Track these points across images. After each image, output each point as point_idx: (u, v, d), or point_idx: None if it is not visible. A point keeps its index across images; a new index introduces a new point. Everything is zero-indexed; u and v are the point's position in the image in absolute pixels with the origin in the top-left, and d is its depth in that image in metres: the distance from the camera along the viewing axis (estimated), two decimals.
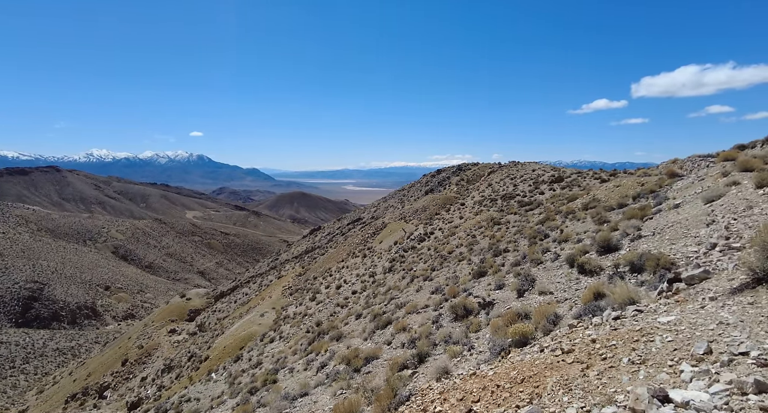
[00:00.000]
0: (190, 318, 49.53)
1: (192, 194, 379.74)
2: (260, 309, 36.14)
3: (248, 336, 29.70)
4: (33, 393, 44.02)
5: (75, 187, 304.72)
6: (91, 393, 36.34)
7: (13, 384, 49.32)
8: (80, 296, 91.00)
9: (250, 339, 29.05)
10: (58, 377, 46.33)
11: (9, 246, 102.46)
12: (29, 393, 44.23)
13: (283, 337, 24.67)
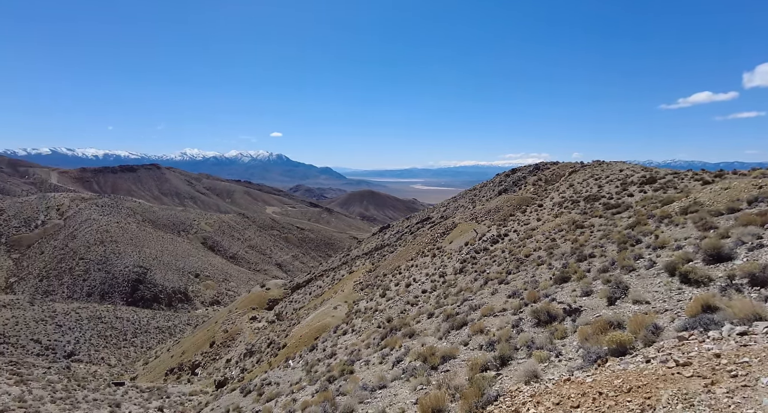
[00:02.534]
0: (269, 306, 53.02)
1: (271, 191, 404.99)
2: (333, 302, 37.64)
3: (322, 327, 31.09)
4: (140, 363, 50.22)
5: (171, 183, 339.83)
6: (185, 369, 40.58)
7: (126, 355, 56.77)
8: (175, 282, 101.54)
9: (324, 330, 30.39)
10: (159, 352, 52.29)
11: (121, 234, 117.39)
12: (138, 364, 50.56)
13: (356, 330, 25.48)
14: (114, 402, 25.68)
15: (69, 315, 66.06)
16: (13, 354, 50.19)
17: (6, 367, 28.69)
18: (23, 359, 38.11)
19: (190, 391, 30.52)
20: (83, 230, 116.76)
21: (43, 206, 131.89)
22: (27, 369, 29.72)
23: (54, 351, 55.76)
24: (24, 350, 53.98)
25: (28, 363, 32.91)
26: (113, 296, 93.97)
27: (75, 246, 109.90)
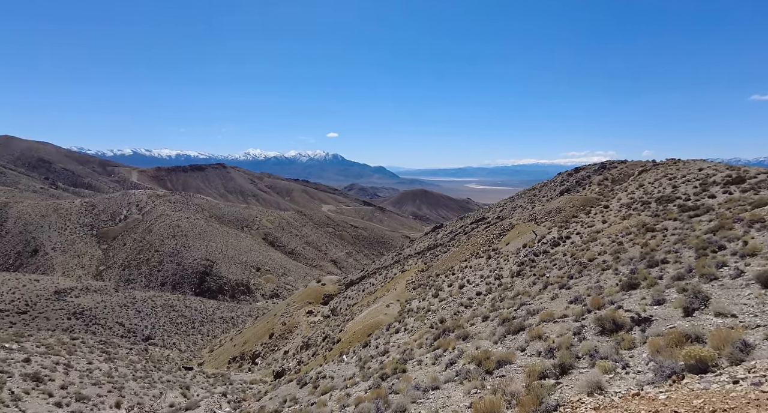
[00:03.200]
0: (324, 301, 54.63)
1: (327, 190, 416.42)
2: (385, 300, 37.97)
3: (375, 324, 31.48)
4: (206, 350, 54.01)
5: (236, 181, 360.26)
6: (246, 358, 42.99)
7: (194, 341, 61.32)
8: (238, 275, 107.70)
9: (376, 327, 30.75)
10: (223, 341, 55.85)
11: (191, 229, 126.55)
12: (204, 351, 54.42)
13: (408, 329, 25.53)
14: (184, 384, 27.77)
15: (146, 302, 72.46)
16: (103, 334, 56.02)
17: (97, 346, 32.05)
18: (110, 339, 42.40)
19: (251, 379, 32.26)
20: (158, 225, 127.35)
21: (125, 202, 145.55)
22: (113, 349, 33.01)
23: (134, 333, 61.47)
24: (111, 331, 60.06)
25: (114, 343, 36.53)
26: (183, 286, 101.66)
27: (151, 239, 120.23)
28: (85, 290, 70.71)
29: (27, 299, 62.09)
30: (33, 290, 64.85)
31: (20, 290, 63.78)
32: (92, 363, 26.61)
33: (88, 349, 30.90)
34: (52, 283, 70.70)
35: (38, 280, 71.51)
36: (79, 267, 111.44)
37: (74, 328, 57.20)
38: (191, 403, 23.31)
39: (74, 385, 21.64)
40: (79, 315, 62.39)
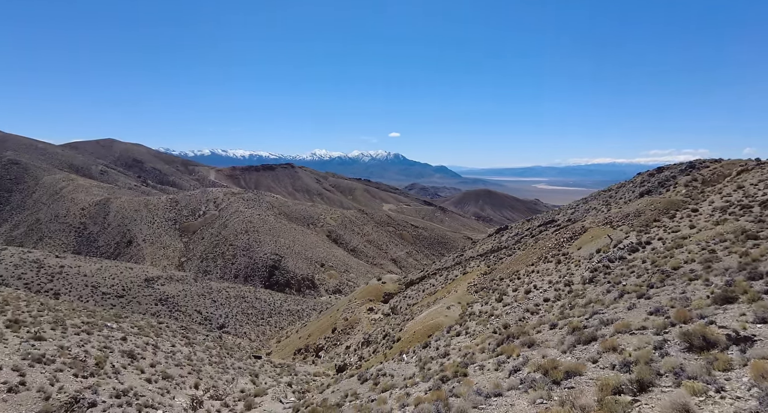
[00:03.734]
0: (385, 300, 55.25)
1: (388, 189, 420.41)
2: (446, 302, 37.51)
3: (435, 325, 31.23)
4: (274, 341, 57.13)
5: (303, 180, 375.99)
6: (311, 350, 44.79)
7: (263, 332, 65.17)
8: (304, 270, 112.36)
9: (437, 328, 30.49)
10: (289, 332, 58.68)
11: (261, 225, 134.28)
12: (272, 341, 57.62)
13: (469, 333, 25.00)
14: (254, 372, 29.55)
15: (221, 293, 78.17)
16: (183, 320, 61.46)
17: (179, 330, 35.17)
18: (190, 325, 46.42)
19: (315, 372, 33.53)
20: (232, 221, 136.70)
21: (204, 199, 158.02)
22: (192, 335, 36.03)
23: (210, 321, 66.65)
24: (190, 318, 65.68)
25: (193, 329, 39.89)
26: (254, 279, 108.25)
27: (226, 234, 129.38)
28: (169, 279, 77.92)
29: (123, 285, 69.81)
30: (128, 277, 72.78)
31: (118, 277, 71.87)
32: (175, 346, 29.24)
33: (172, 333, 34.01)
34: (143, 271, 78.82)
35: (132, 268, 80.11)
36: (164, 258, 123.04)
37: (160, 313, 63.28)
38: (260, 390, 24.74)
39: (161, 364, 23.92)
40: (164, 301, 68.93)
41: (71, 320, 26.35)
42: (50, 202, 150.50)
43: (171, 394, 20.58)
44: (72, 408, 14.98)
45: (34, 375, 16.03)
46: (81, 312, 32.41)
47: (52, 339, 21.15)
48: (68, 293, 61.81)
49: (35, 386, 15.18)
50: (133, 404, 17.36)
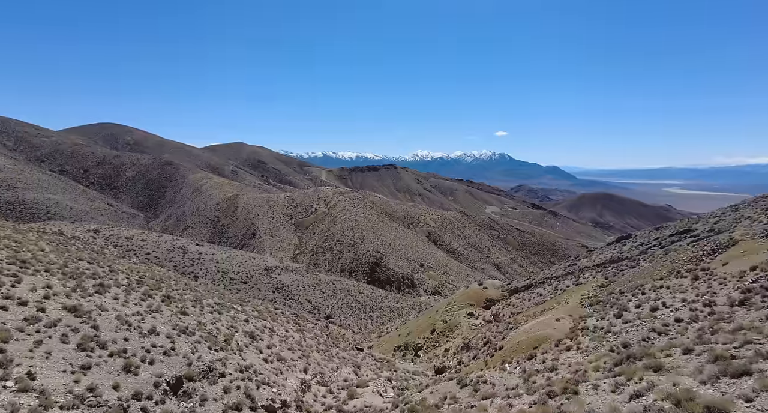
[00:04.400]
0: (486, 305, 53.43)
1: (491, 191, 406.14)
2: (555, 313, 34.87)
3: (542, 337, 29.25)
4: (375, 335, 59.23)
5: (404, 181, 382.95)
6: (410, 348, 45.39)
7: (365, 325, 68.08)
8: (404, 269, 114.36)
9: (544, 340, 28.54)
10: (389, 329, 60.26)
11: (365, 223, 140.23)
12: (373, 335, 59.83)
13: (582, 349, 22.91)
14: (356, 363, 30.96)
15: (329, 285, 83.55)
16: (295, 308, 67.23)
17: (292, 317, 38.51)
18: (300, 313, 50.54)
19: (413, 370, 33.90)
20: (340, 218, 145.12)
21: (316, 197, 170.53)
22: (303, 322, 39.13)
23: (318, 311, 71.71)
24: (301, 306, 71.52)
25: (303, 316, 43.34)
26: (357, 274, 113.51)
27: (334, 230, 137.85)
28: (285, 269, 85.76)
29: (247, 272, 78.87)
30: (251, 266, 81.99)
31: (243, 265, 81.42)
32: (288, 331, 32.06)
33: (285, 319, 37.35)
34: (263, 261, 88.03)
35: (254, 258, 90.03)
36: (281, 250, 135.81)
37: (276, 300, 70.02)
38: (361, 382, 25.82)
39: (276, 347, 26.43)
40: (280, 289, 76.11)
41: (206, 300, 30.56)
42: (193, 197, 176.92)
43: (284, 375, 22.59)
44: (207, 375, 17.36)
45: (180, 343, 18.95)
46: (214, 293, 37.43)
47: (192, 314, 24.77)
48: (204, 277, 71.95)
49: (181, 352, 17.93)
50: (253, 379, 19.45)
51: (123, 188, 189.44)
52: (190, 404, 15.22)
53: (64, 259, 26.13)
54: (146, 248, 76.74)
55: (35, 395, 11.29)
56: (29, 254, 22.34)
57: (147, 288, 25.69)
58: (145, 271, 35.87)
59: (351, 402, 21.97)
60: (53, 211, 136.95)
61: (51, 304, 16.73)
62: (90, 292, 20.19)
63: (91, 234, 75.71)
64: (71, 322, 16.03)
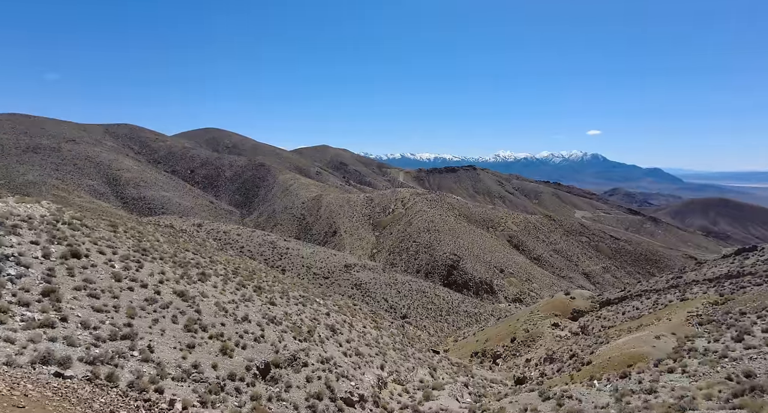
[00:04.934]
0: (573, 317, 49.75)
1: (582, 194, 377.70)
2: (654, 330, 31.31)
3: (638, 355, 26.46)
4: (451, 339, 58.34)
5: (484, 183, 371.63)
6: (488, 355, 43.88)
7: (441, 329, 67.41)
8: (482, 273, 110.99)
9: (640, 359, 25.81)
10: (466, 334, 58.90)
11: (442, 225, 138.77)
12: (449, 339, 58.99)
13: (688, 372, 20.26)
14: (432, 365, 30.72)
15: (405, 285, 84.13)
16: (373, 305, 68.76)
17: (369, 314, 39.44)
18: (377, 311, 51.53)
19: (491, 378, 32.72)
20: (417, 219, 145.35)
21: (393, 198, 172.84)
22: (380, 320, 39.87)
23: (394, 310, 72.54)
24: (378, 304, 72.95)
25: (380, 314, 44.14)
26: (434, 276, 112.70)
27: (411, 231, 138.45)
28: (363, 267, 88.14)
29: (329, 268, 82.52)
30: (332, 262, 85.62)
31: (325, 261, 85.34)
32: (366, 328, 32.86)
33: (363, 315, 38.33)
34: (343, 258, 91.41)
35: (335, 255, 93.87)
36: (360, 248, 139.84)
37: (354, 296, 72.22)
38: (437, 384, 25.54)
39: (354, 342, 27.23)
40: (358, 286, 78.41)
41: (292, 292, 32.50)
42: (282, 196, 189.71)
43: (361, 370, 23.17)
44: (292, 364, 18.43)
45: (269, 331, 20.39)
46: (298, 287, 39.68)
47: (280, 305, 26.50)
48: (290, 270, 76.71)
49: (270, 340, 19.27)
50: (333, 371, 20.24)
51: (222, 187, 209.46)
52: (277, 389, 16.27)
53: (174, 249, 29.56)
54: (241, 242, 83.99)
55: (154, 365, 12.91)
56: (148, 244, 25.65)
57: (241, 279, 28.04)
58: (239, 263, 39.24)
59: (426, 403, 21.84)
60: (166, 206, 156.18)
61: (164, 288, 19.00)
62: (194, 279, 22.58)
63: (195, 228, 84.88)
64: (180, 305, 18.06)
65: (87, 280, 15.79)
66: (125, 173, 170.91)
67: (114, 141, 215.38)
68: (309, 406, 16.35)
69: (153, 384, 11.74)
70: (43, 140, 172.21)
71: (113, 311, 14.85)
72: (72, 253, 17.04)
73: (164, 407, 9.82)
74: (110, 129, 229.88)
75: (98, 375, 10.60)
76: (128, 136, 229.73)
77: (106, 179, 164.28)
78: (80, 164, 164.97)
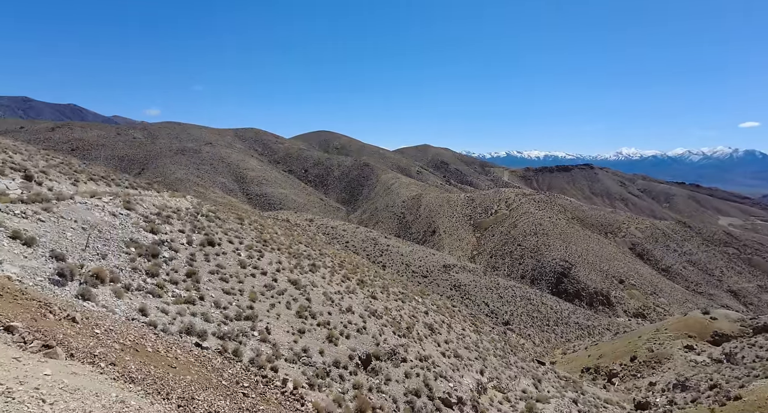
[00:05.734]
0: (713, 341, 42.28)
1: (729, 197, 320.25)
2: None
3: None
4: (559, 352, 54.06)
5: (602, 183, 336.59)
6: (601, 373, 39.63)
7: (547, 339, 62.95)
8: (597, 283, 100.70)
9: None
10: (577, 347, 54.02)
11: (551, 228, 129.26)
12: (556, 351, 54.76)
13: None
14: (536, 376, 28.78)
15: (507, 290, 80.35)
16: (472, 308, 67.06)
17: (469, 317, 38.50)
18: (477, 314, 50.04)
19: (605, 398, 29.47)
20: (522, 221, 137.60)
21: (496, 198, 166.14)
22: (480, 324, 38.63)
23: (496, 315, 69.76)
24: (478, 308, 70.89)
25: (480, 318, 42.78)
26: (540, 283, 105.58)
27: (515, 234, 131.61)
28: (462, 268, 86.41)
29: (427, 267, 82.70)
30: (431, 261, 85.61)
31: (423, 260, 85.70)
32: (465, 330, 32.10)
33: (462, 318, 37.50)
34: (442, 258, 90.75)
35: (434, 254, 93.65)
36: (459, 249, 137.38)
37: (453, 297, 71.18)
38: (542, 397, 23.85)
39: (452, 343, 26.79)
40: (457, 287, 77.13)
41: (392, 288, 33.21)
42: (384, 195, 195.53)
43: (460, 372, 22.69)
44: (391, 358, 18.83)
45: (370, 323, 21.12)
46: (398, 283, 40.41)
47: (380, 300, 27.27)
48: (390, 267, 78.66)
49: (371, 332, 19.95)
50: (431, 370, 20.16)
51: (331, 186, 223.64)
52: (377, 380, 16.75)
53: (289, 241, 32.34)
54: (346, 237, 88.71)
55: (270, 346, 14.28)
56: (268, 236, 28.47)
57: (346, 272, 29.53)
58: (344, 257, 41.39)
59: None
60: (283, 203, 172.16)
61: (280, 276, 20.88)
62: (306, 270, 24.40)
63: (307, 222, 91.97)
64: (293, 292, 19.67)
65: (219, 265, 18.09)
66: (250, 172, 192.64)
67: (242, 144, 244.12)
68: (407, 401, 16.51)
69: (269, 362, 12.96)
70: (188, 144, 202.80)
71: (239, 294, 16.77)
72: (208, 241, 19.67)
73: (278, 384, 10.75)
74: (239, 133, 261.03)
75: (227, 349, 12.06)
76: (253, 139, 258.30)
77: (235, 177, 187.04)
78: (215, 164, 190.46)
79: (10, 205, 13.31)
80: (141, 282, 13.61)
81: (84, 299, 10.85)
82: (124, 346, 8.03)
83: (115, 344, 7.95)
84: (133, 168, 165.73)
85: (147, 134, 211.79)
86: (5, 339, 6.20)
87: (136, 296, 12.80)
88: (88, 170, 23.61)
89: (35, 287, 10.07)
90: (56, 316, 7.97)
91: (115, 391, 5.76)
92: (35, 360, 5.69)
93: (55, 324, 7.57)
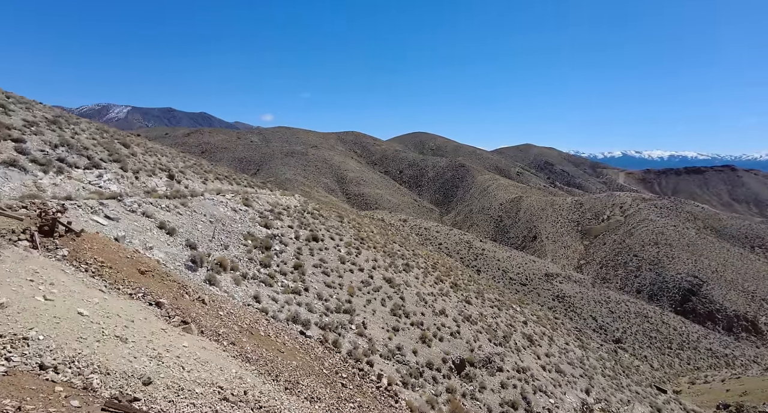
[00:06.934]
0: None
1: None
2: None
3: None
4: (685, 380, 46.95)
5: (749, 187, 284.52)
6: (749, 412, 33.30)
7: (669, 364, 55.09)
8: (739, 305, 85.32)
9: None
10: (710, 378, 46.35)
11: (677, 238, 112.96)
12: (682, 379, 47.61)
13: None
14: (655, 404, 25.39)
15: (620, 305, 72.18)
16: (577, 322, 61.58)
17: (573, 331, 35.47)
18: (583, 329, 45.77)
19: None
20: (639, 229, 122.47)
21: (609, 203, 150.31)
22: (586, 339, 35.34)
23: (605, 332, 63.11)
24: (584, 322, 64.87)
25: (587, 333, 39.09)
26: (661, 299, 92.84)
27: (630, 243, 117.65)
28: (567, 278, 79.86)
29: (527, 275, 78.15)
30: (531, 269, 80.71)
31: (522, 267, 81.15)
32: (568, 345, 29.60)
33: (566, 331, 34.64)
34: (544, 266, 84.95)
35: (534, 261, 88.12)
36: (564, 257, 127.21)
37: (556, 309, 66.13)
38: None
39: (554, 357, 24.90)
40: (560, 298, 71.50)
41: (488, 294, 32.04)
42: (480, 197, 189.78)
43: (562, 389, 20.99)
44: (486, 365, 18.16)
45: (464, 328, 20.64)
46: (494, 289, 38.84)
47: (475, 305, 26.50)
48: (485, 272, 75.96)
49: (465, 337, 19.49)
50: (529, 382, 18.99)
51: (425, 187, 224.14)
52: (471, 387, 16.29)
53: (384, 240, 33.16)
54: (439, 239, 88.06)
55: (366, 340, 14.78)
56: (365, 234, 29.54)
57: (439, 274, 29.30)
58: (438, 259, 41.10)
59: None
60: (379, 202, 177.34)
61: (376, 273, 21.50)
62: (400, 269, 24.77)
63: (401, 223, 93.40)
64: (388, 290, 20.10)
65: (321, 260, 19.26)
66: (349, 173, 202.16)
67: (343, 146, 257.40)
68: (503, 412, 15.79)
69: (365, 356, 13.40)
70: (296, 147, 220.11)
71: (338, 287, 17.66)
72: (312, 237, 21.07)
73: (374, 379, 11.05)
74: (341, 136, 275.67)
75: (327, 340, 12.77)
76: (353, 141, 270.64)
77: (336, 178, 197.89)
78: (319, 166, 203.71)
79: (158, 200, 15.78)
80: (256, 272, 15.09)
81: (210, 284, 12.39)
82: (241, 328, 8.97)
83: (235, 326, 8.92)
84: (250, 169, 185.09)
85: (262, 137, 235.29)
86: (156, 312, 7.34)
87: (251, 284, 14.22)
88: (214, 171, 26.98)
89: (175, 270, 11.77)
90: (190, 297, 9.21)
91: (235, 368, 6.45)
92: (176, 333, 6.63)
93: (189, 304, 8.75)
